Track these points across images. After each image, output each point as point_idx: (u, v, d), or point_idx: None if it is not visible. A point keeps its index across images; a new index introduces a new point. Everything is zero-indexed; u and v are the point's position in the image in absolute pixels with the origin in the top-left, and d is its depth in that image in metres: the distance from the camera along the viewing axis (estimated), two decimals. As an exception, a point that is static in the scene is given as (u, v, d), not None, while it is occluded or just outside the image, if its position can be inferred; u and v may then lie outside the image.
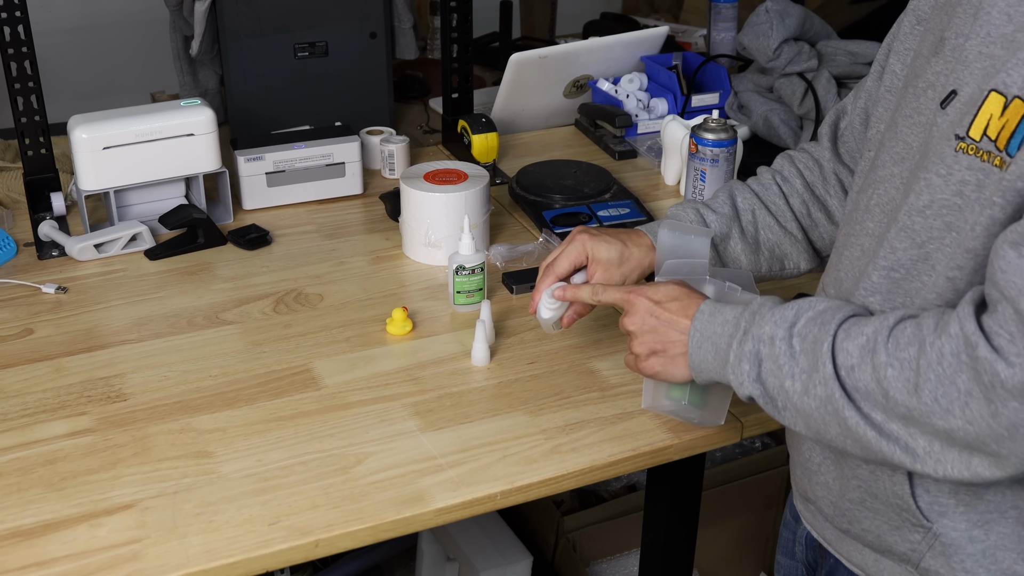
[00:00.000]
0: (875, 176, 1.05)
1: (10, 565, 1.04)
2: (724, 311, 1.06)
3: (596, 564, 2.02)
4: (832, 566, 1.13)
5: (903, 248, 0.97)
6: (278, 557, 1.08)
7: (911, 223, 0.95)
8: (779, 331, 0.98)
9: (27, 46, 1.56)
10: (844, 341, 0.94)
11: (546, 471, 1.19)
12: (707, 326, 1.06)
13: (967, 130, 0.90)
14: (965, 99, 0.92)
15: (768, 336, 0.99)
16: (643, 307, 1.11)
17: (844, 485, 1.06)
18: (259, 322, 1.46)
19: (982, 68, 0.91)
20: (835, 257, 1.11)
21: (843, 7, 2.96)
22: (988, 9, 0.91)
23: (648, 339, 1.11)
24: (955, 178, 0.91)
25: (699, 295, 1.11)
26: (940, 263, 0.94)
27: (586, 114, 2.11)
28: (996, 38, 0.90)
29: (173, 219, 1.66)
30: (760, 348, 0.99)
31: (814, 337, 0.96)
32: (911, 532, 1.01)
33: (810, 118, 1.95)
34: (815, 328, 0.96)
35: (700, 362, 1.06)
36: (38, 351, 1.39)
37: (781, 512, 2.12)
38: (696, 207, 1.30)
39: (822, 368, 0.94)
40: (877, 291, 0.99)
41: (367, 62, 2.03)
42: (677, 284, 1.13)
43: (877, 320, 0.94)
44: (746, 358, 1.00)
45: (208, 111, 1.66)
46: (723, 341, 1.03)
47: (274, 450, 1.21)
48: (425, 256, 1.61)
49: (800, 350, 0.96)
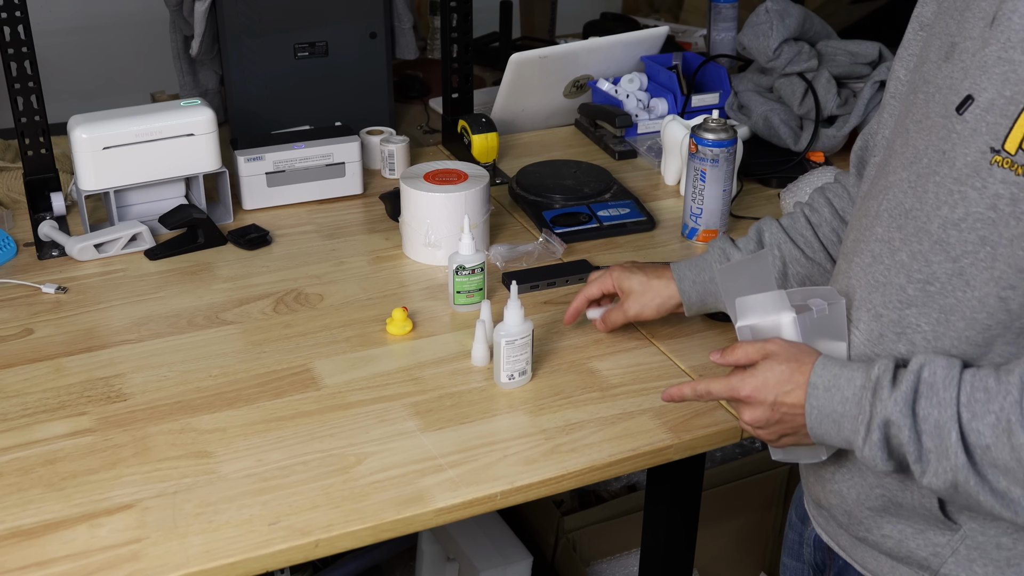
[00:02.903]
0: (884, 182, 1.04)
1: (10, 565, 1.04)
2: (841, 385, 0.99)
3: (596, 564, 2.02)
4: (841, 567, 1.13)
5: (938, 262, 0.96)
6: (278, 557, 1.08)
7: (946, 236, 0.95)
8: (905, 420, 0.94)
9: (27, 46, 1.56)
10: (972, 421, 0.91)
11: (546, 471, 1.19)
12: (825, 404, 1.00)
13: (1003, 143, 0.90)
14: (985, 105, 0.92)
15: (896, 423, 0.95)
16: (763, 407, 1.05)
17: (863, 494, 1.06)
18: (259, 322, 1.46)
19: (1001, 73, 0.91)
20: (844, 264, 1.10)
21: (843, 7, 2.95)
22: (1008, 15, 0.91)
23: (775, 429, 1.06)
24: (989, 191, 0.91)
25: (804, 363, 1.03)
26: (977, 279, 0.93)
27: (586, 114, 2.11)
28: (1016, 43, 0.90)
29: (173, 219, 1.66)
30: (888, 433, 0.96)
31: (936, 421, 0.93)
32: (937, 535, 1.01)
33: (810, 118, 1.95)
34: (935, 411, 0.93)
35: (820, 436, 1.02)
36: (38, 351, 1.39)
37: (781, 512, 2.12)
38: (722, 246, 1.34)
39: (953, 457, 0.91)
40: (912, 304, 0.98)
41: (367, 62, 2.03)
42: (775, 353, 1.05)
43: (999, 388, 0.90)
44: (877, 446, 0.96)
45: (208, 111, 1.66)
46: (847, 421, 0.99)
47: (274, 450, 1.21)
48: (425, 256, 1.61)
49: (925, 432, 0.93)
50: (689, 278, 1.36)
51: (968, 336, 0.95)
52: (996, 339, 0.94)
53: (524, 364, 1.32)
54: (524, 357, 1.31)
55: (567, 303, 1.51)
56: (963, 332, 0.95)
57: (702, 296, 1.36)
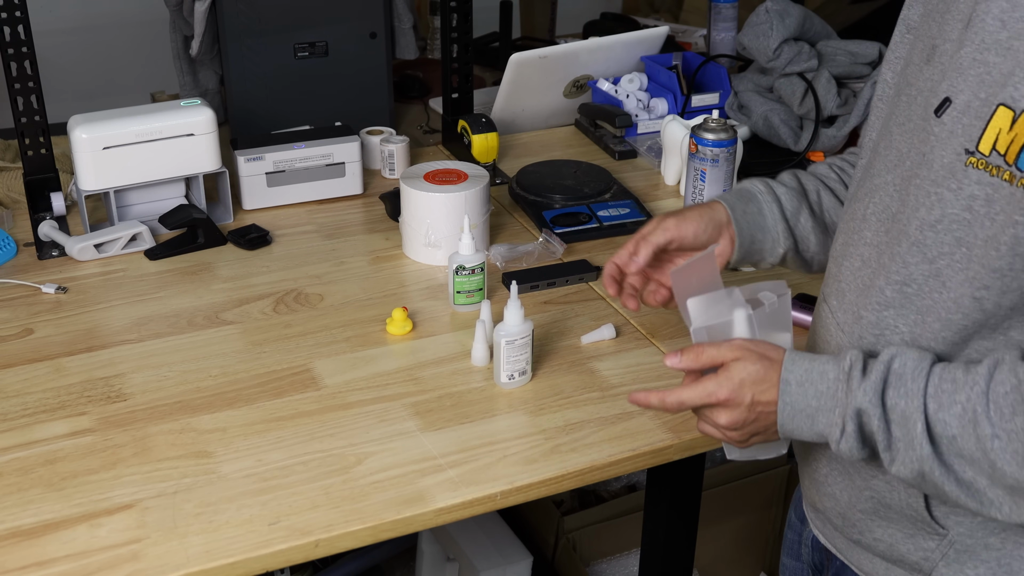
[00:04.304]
0: (870, 185, 1.05)
1: (10, 565, 1.04)
2: (814, 379, 0.99)
3: (596, 564, 2.03)
4: (839, 568, 1.13)
5: (915, 263, 0.96)
6: (278, 557, 1.08)
7: (923, 238, 0.95)
8: (875, 409, 0.94)
9: (27, 46, 1.56)
10: (938, 411, 0.91)
11: (546, 471, 1.19)
12: (798, 399, 1.00)
13: (976, 144, 0.90)
14: (962, 107, 0.92)
15: (867, 412, 0.95)
16: (741, 408, 1.03)
17: (855, 496, 1.06)
18: (259, 322, 1.46)
19: (976, 75, 0.91)
20: (833, 267, 1.10)
21: (843, 7, 2.96)
22: (982, 16, 0.91)
23: (749, 429, 1.05)
24: (965, 193, 0.91)
25: (773, 360, 1.02)
26: (952, 280, 0.93)
27: (586, 114, 2.11)
28: (990, 44, 0.90)
29: (173, 219, 1.66)
30: (861, 423, 0.96)
31: (903, 411, 0.93)
32: (926, 540, 1.01)
33: (810, 118, 1.95)
34: (902, 401, 0.93)
35: (791, 431, 1.02)
36: (38, 351, 1.39)
37: (781, 512, 2.13)
38: (765, 180, 1.26)
39: (918, 448, 0.92)
40: (890, 305, 0.99)
41: (367, 62, 2.03)
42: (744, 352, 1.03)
43: (966, 379, 0.91)
44: (852, 437, 0.96)
45: (208, 111, 1.66)
46: (821, 416, 0.99)
47: (274, 450, 1.21)
48: (425, 256, 1.61)
49: (893, 421, 0.94)
50: (740, 208, 1.25)
51: (944, 336, 0.95)
52: (972, 337, 0.94)
53: (524, 364, 1.32)
54: (524, 357, 1.31)
55: (567, 303, 1.51)
56: (939, 333, 0.95)
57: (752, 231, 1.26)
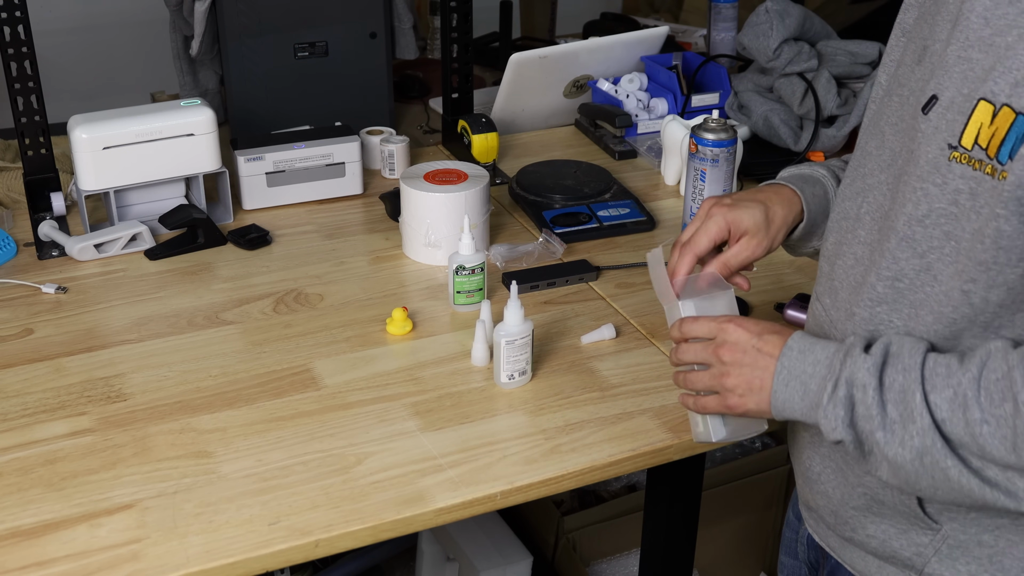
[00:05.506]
0: (863, 184, 1.05)
1: (10, 565, 1.04)
2: (815, 349, 1.00)
3: (596, 564, 2.03)
4: (833, 566, 1.13)
5: (905, 258, 0.97)
6: (278, 557, 1.08)
7: (911, 233, 0.96)
8: (871, 379, 0.94)
9: (27, 46, 1.56)
10: (931, 394, 0.91)
11: (546, 471, 1.19)
12: (796, 364, 1.00)
13: (959, 139, 0.91)
14: (946, 103, 0.93)
15: (861, 383, 0.95)
16: (744, 339, 1.04)
17: (847, 493, 1.06)
18: (259, 322, 1.46)
19: (961, 72, 0.92)
20: (826, 266, 1.10)
21: (843, 7, 2.95)
22: (967, 14, 0.92)
23: (745, 373, 1.04)
24: (950, 187, 0.92)
25: (782, 329, 1.04)
26: (943, 273, 0.94)
27: (586, 114, 2.11)
28: (974, 41, 0.91)
29: (173, 219, 1.66)
30: (853, 393, 0.96)
31: (901, 386, 0.93)
32: (919, 535, 1.01)
33: (810, 118, 1.95)
34: (900, 376, 0.93)
35: (784, 401, 1.01)
36: (38, 351, 1.39)
37: (781, 512, 2.13)
38: (827, 165, 1.23)
39: (919, 419, 0.91)
40: (883, 301, 0.99)
41: (367, 62, 2.04)
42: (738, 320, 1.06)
43: (960, 367, 0.91)
44: (840, 403, 0.96)
45: (208, 111, 1.67)
46: (814, 383, 0.99)
47: (274, 450, 1.21)
48: (425, 256, 1.61)
49: (890, 400, 0.94)
50: (808, 191, 1.21)
51: (936, 330, 0.95)
52: (963, 332, 0.94)
53: (524, 364, 1.32)
54: (524, 357, 1.31)
55: (567, 303, 1.51)
56: (931, 326, 0.96)
57: (815, 213, 1.21)
